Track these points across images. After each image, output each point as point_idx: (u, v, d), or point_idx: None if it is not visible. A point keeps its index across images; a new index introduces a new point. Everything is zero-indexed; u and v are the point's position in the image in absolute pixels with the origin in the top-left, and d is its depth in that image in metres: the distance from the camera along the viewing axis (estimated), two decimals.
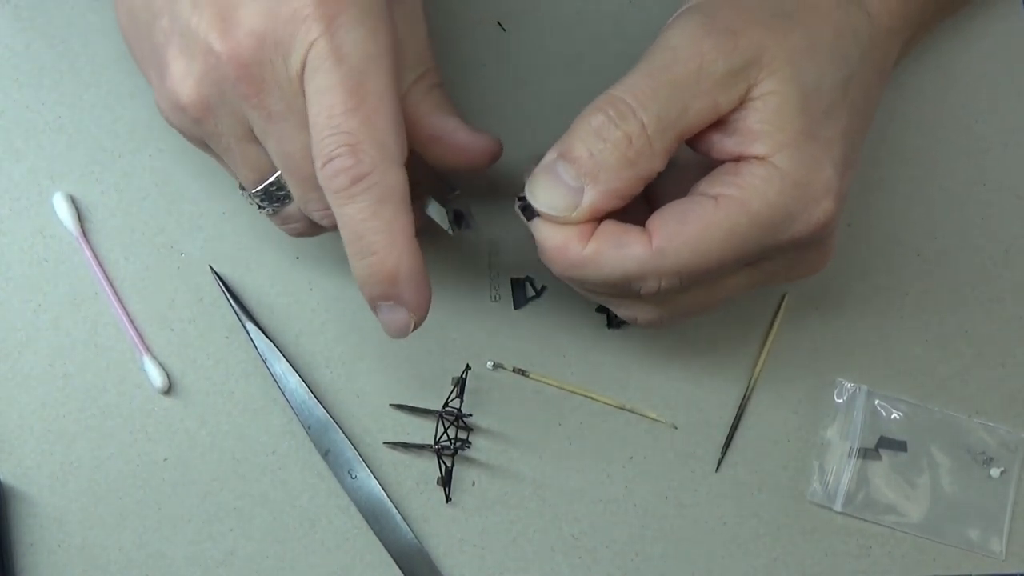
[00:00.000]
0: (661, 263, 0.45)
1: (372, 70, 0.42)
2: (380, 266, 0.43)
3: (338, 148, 0.42)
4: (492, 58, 0.60)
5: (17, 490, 0.55)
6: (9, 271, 0.56)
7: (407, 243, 0.43)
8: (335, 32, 0.41)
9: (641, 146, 0.45)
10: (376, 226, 0.43)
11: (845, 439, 0.58)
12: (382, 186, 0.42)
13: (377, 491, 0.56)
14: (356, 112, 0.42)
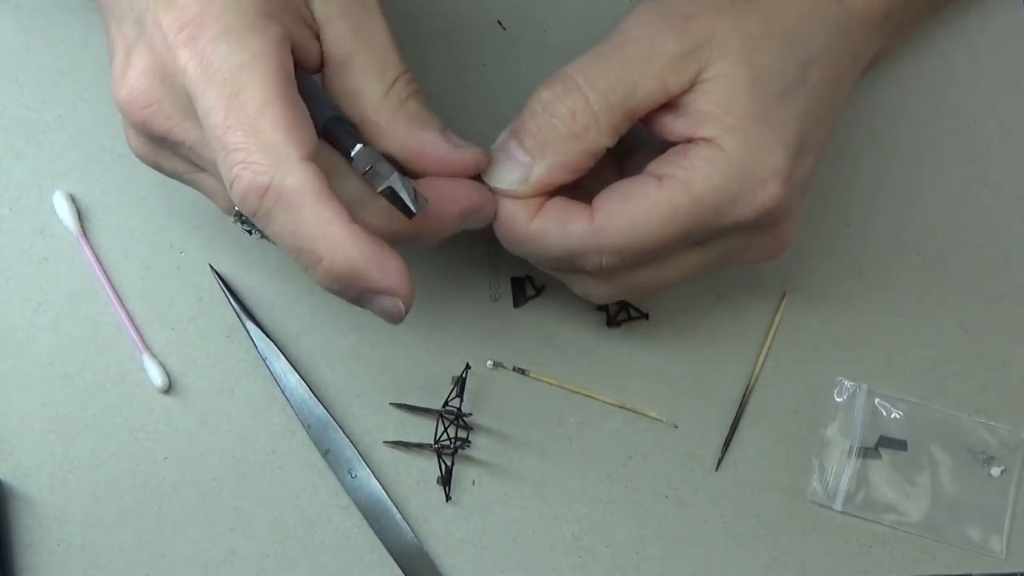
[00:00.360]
0: (601, 240, 0.46)
1: (246, 79, 0.40)
2: (332, 270, 0.41)
3: (232, 169, 0.40)
4: (492, 58, 0.60)
5: (17, 490, 0.55)
6: (9, 271, 0.56)
7: (346, 235, 0.40)
8: (201, 53, 0.40)
9: (586, 121, 0.46)
10: (305, 234, 0.40)
11: (845, 438, 0.58)
12: (289, 192, 0.39)
13: (377, 490, 0.56)
14: (237, 126, 0.40)
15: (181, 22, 0.41)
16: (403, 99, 0.46)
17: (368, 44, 0.45)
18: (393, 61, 0.46)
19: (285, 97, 0.40)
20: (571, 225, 0.47)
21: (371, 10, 0.45)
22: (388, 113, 0.45)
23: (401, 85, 0.46)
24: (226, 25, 0.40)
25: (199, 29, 0.40)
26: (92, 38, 0.58)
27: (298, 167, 0.40)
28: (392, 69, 0.46)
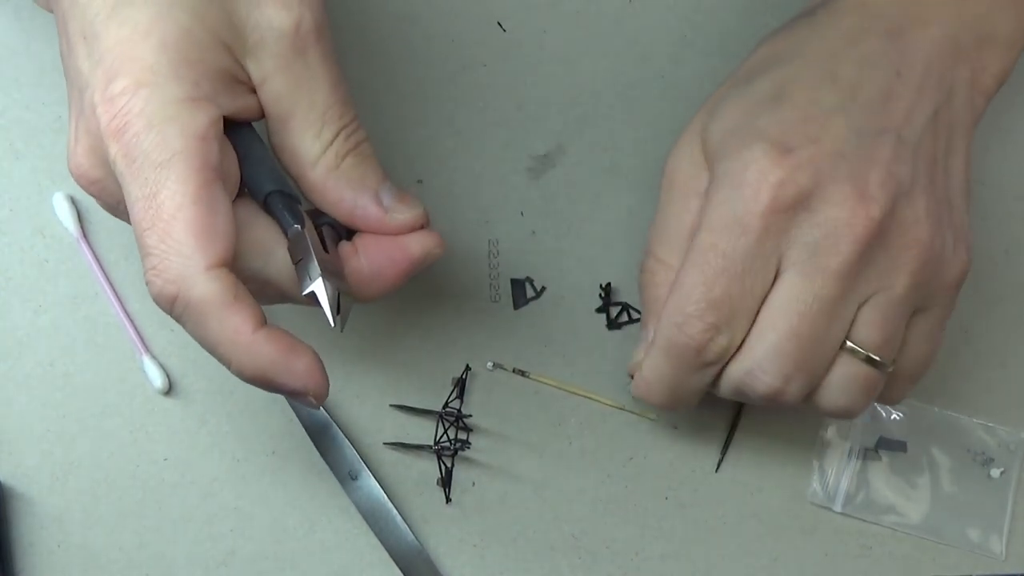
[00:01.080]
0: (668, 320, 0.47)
1: (163, 179, 0.40)
2: (241, 373, 0.41)
3: (147, 273, 0.40)
4: (492, 58, 0.60)
5: (17, 490, 0.55)
6: (9, 271, 0.56)
7: (251, 343, 0.41)
8: (127, 147, 0.40)
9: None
10: (213, 339, 0.41)
11: (845, 439, 0.58)
12: (195, 302, 0.40)
13: (377, 492, 0.56)
14: (152, 229, 0.40)
15: (111, 112, 0.40)
16: (340, 157, 0.45)
17: (306, 102, 0.44)
18: (333, 116, 0.45)
19: (202, 199, 0.40)
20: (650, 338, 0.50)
21: (311, 64, 0.44)
22: (322, 174, 0.45)
23: (340, 142, 0.45)
24: (149, 119, 0.40)
25: (125, 121, 0.40)
26: None
27: (204, 278, 0.40)
28: (331, 125, 0.45)
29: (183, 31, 0.41)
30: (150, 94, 0.40)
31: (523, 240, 0.58)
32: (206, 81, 0.41)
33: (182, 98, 0.41)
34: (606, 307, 0.58)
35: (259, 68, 0.43)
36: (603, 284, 0.58)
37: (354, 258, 0.46)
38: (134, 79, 0.40)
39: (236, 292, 0.41)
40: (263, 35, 0.42)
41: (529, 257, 0.58)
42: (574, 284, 0.58)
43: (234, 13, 0.42)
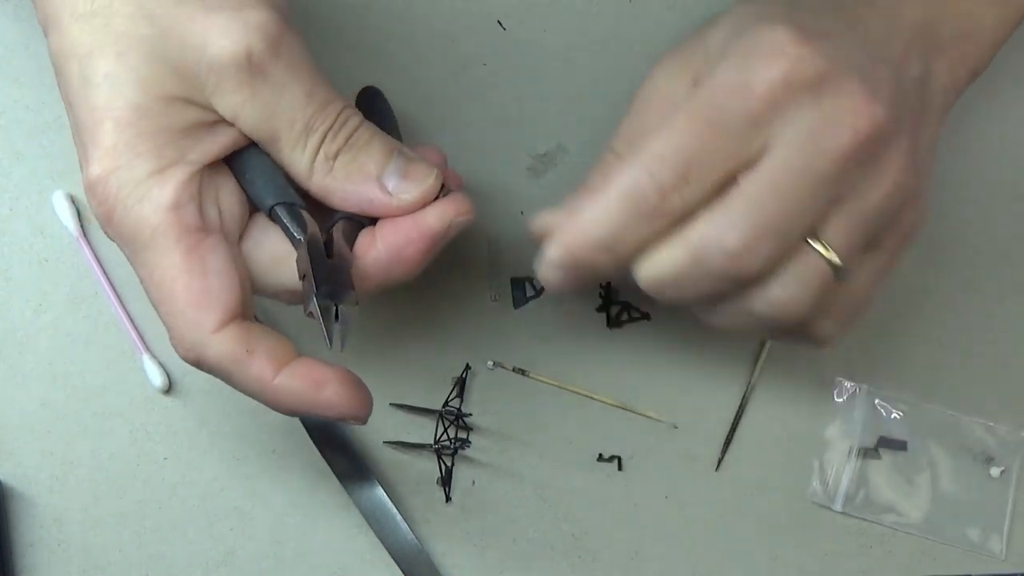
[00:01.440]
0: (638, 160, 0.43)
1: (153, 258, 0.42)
2: (278, 409, 0.44)
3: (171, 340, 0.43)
4: (492, 58, 0.60)
5: (17, 490, 0.55)
6: (9, 271, 0.56)
7: (279, 386, 0.43)
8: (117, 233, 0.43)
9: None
10: (242, 388, 0.44)
11: (845, 439, 0.58)
12: (214, 363, 0.42)
13: (377, 491, 0.56)
14: (159, 301, 0.42)
15: (95, 200, 0.42)
16: (331, 158, 0.45)
17: (284, 120, 0.44)
18: (314, 124, 0.44)
19: (190, 267, 0.42)
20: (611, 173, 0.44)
21: (277, 82, 0.43)
22: (319, 181, 0.45)
23: (327, 145, 0.45)
24: (124, 203, 0.42)
25: (108, 208, 0.42)
26: None
27: (214, 341, 0.42)
28: (314, 135, 0.44)
29: (132, 107, 0.42)
30: (118, 178, 0.42)
31: (523, 240, 0.58)
32: (168, 147, 0.42)
33: (148, 174, 0.42)
34: (606, 307, 0.58)
35: (227, 105, 0.43)
36: (603, 284, 0.58)
37: (373, 247, 0.46)
38: (102, 166, 0.42)
39: (249, 345, 0.42)
40: (218, 73, 0.42)
41: (529, 257, 0.58)
42: None
43: (182, 64, 0.42)
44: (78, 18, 0.42)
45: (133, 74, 0.42)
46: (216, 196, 0.44)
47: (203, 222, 0.43)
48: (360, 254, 0.45)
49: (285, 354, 0.43)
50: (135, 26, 0.42)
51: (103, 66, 0.42)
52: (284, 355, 0.43)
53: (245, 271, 0.45)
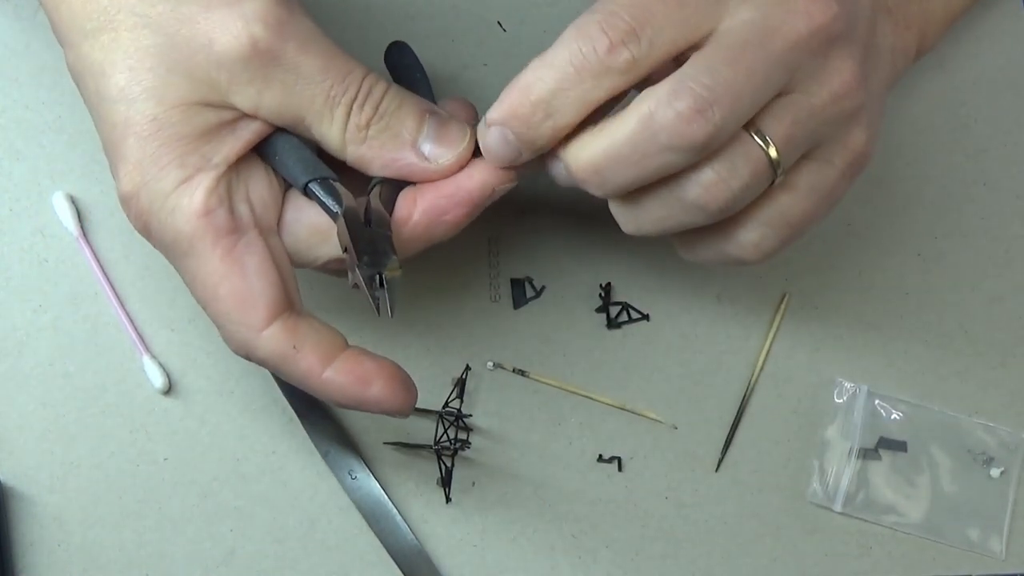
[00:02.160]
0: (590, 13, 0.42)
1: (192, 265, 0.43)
2: (329, 398, 0.45)
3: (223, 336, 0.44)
4: (492, 58, 0.60)
5: (17, 490, 0.55)
6: (9, 271, 0.56)
7: (329, 379, 0.44)
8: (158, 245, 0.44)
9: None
10: (293, 381, 0.44)
11: (845, 439, 0.58)
12: (264, 359, 0.44)
13: (377, 491, 0.56)
14: (207, 302, 0.43)
15: (132, 216, 0.44)
16: (363, 129, 0.45)
17: (305, 100, 0.44)
18: (337, 98, 0.44)
19: (230, 271, 0.43)
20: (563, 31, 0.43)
21: (289, 65, 0.43)
22: (354, 152, 0.45)
23: (355, 116, 0.44)
24: (157, 216, 0.43)
25: (144, 223, 0.44)
26: None
27: (260, 340, 0.43)
28: (340, 108, 0.44)
29: (150, 120, 0.42)
30: (148, 193, 0.43)
31: (523, 240, 0.58)
32: (191, 155, 0.43)
33: (174, 185, 0.42)
34: (606, 307, 0.58)
35: (245, 99, 0.43)
36: (603, 284, 0.58)
37: (413, 210, 0.46)
38: (131, 182, 0.43)
39: (296, 340, 0.44)
40: (228, 70, 0.42)
41: (529, 257, 0.58)
42: (574, 284, 0.59)
43: (193, 68, 0.42)
44: (87, 35, 0.42)
45: (147, 87, 0.42)
46: (246, 191, 0.45)
47: (235, 222, 0.43)
48: (400, 218, 0.46)
49: (333, 347, 0.44)
50: (141, 38, 0.42)
51: (117, 82, 0.42)
52: (332, 349, 0.44)
53: (286, 263, 0.45)
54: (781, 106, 0.43)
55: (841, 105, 0.44)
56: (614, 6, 0.41)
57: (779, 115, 0.43)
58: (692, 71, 0.41)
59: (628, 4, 0.41)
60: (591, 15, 0.42)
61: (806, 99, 0.43)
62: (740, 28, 0.42)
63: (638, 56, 0.41)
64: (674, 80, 0.41)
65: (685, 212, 0.44)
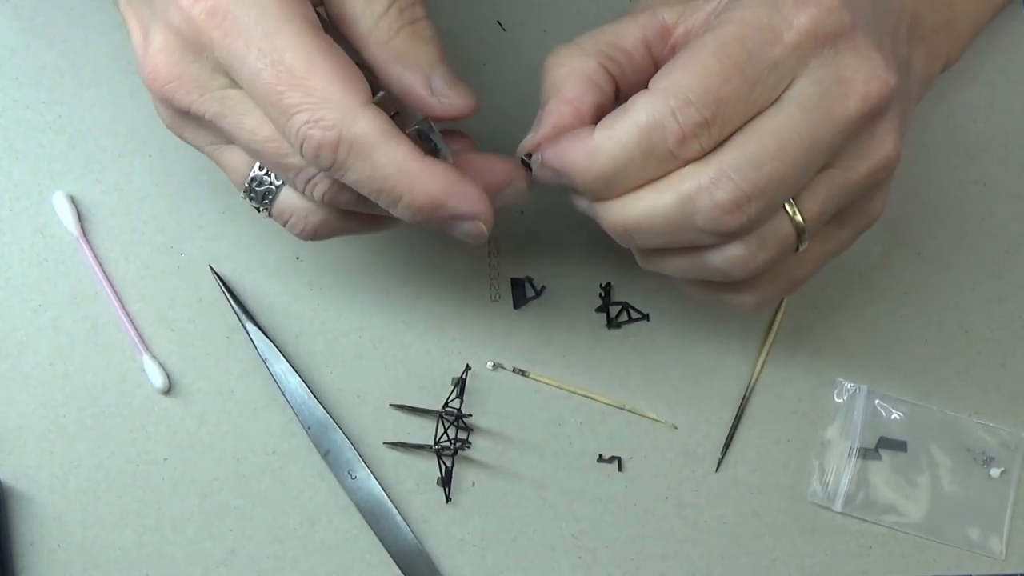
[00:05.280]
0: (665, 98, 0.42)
1: (282, 44, 0.40)
2: (414, 204, 0.42)
3: (299, 131, 0.41)
4: (492, 58, 0.60)
5: (17, 490, 0.55)
6: (9, 271, 0.56)
7: (421, 169, 0.42)
8: (225, 28, 0.40)
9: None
10: (383, 175, 0.41)
11: (845, 439, 0.58)
12: (359, 140, 0.41)
13: (377, 491, 0.56)
14: (291, 89, 0.40)
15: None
16: (393, 31, 0.44)
17: None
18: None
19: (326, 50, 0.41)
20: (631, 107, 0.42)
21: None
22: (374, 47, 0.44)
23: (394, 14, 0.44)
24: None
25: (213, 4, 0.40)
26: (92, 38, 0.58)
27: (362, 114, 0.40)
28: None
29: None
30: None
31: (523, 240, 0.58)
32: None
33: None
34: (606, 307, 0.58)
35: None
36: (603, 284, 0.58)
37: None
38: None
39: (393, 125, 0.41)
40: None
41: (529, 257, 0.58)
42: (574, 284, 0.59)
43: None
44: None
45: None
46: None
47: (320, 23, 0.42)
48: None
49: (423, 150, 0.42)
50: None
51: None
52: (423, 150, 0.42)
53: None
54: (819, 181, 0.44)
55: (876, 178, 0.45)
56: (689, 94, 0.41)
57: (816, 191, 0.44)
58: (737, 161, 0.41)
59: (701, 93, 0.41)
60: (664, 99, 0.42)
61: (844, 175, 0.44)
62: (795, 110, 0.42)
63: (706, 146, 0.42)
64: (716, 168, 0.42)
65: (706, 272, 0.45)
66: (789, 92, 0.42)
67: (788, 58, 0.42)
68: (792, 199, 0.43)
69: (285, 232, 0.50)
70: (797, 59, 0.42)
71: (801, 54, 0.42)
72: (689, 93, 0.41)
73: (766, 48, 0.41)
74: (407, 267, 0.58)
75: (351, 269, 0.58)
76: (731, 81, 0.41)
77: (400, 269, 0.58)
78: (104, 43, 0.58)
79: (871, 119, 0.43)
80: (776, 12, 0.42)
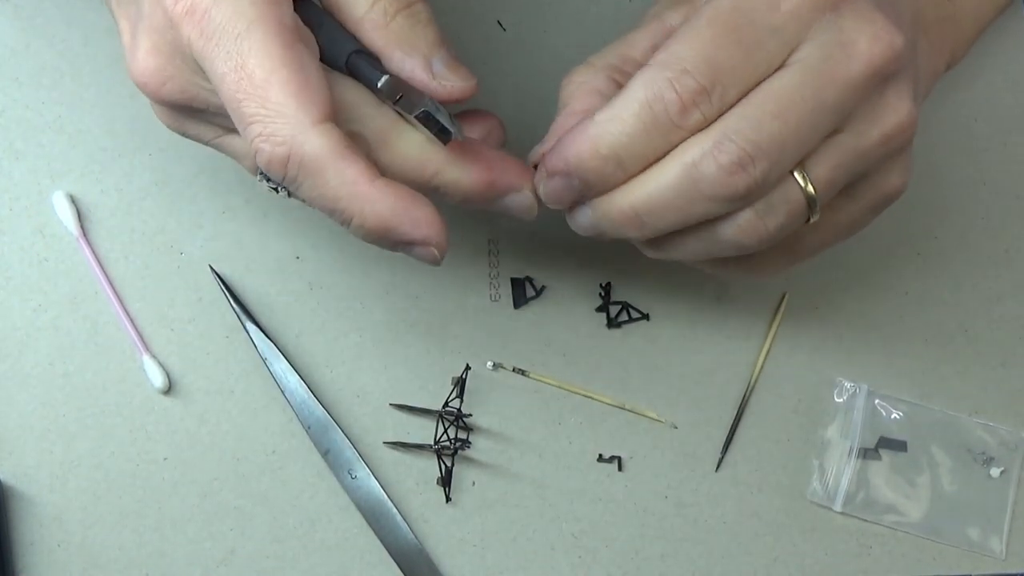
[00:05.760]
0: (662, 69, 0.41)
1: (247, 48, 0.40)
2: (363, 226, 0.41)
3: (252, 141, 0.40)
4: (492, 58, 0.60)
5: (17, 490, 0.55)
6: (9, 271, 0.56)
7: (371, 192, 0.41)
8: (200, 26, 0.40)
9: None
10: (332, 195, 0.41)
11: (845, 439, 0.58)
12: (309, 159, 0.40)
13: (377, 491, 0.56)
14: (248, 98, 0.40)
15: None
16: (390, 15, 0.43)
17: None
18: None
19: (290, 60, 0.40)
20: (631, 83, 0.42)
21: None
22: (372, 31, 0.43)
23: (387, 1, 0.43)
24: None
25: (192, 2, 0.40)
26: (92, 38, 0.58)
27: (313, 133, 0.40)
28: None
29: None
30: None
31: (523, 240, 0.58)
32: None
33: None
34: (606, 307, 0.58)
35: None
36: (603, 284, 0.58)
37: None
38: None
39: (347, 144, 0.40)
40: None
41: (529, 257, 0.58)
42: (574, 284, 0.59)
43: None
44: None
45: None
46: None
47: (296, 25, 0.41)
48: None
49: (376, 169, 0.41)
50: None
51: None
52: (376, 169, 0.41)
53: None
54: (828, 147, 0.43)
55: (890, 145, 0.44)
56: (684, 63, 0.41)
57: (825, 157, 0.43)
58: (738, 124, 0.41)
59: (698, 61, 0.41)
60: (661, 71, 0.41)
61: (855, 140, 0.43)
62: (797, 72, 0.41)
63: (708, 115, 0.41)
64: (718, 132, 0.41)
65: (718, 247, 0.45)
66: (792, 57, 0.42)
67: (788, 23, 0.41)
68: (801, 166, 0.43)
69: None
70: (798, 24, 0.41)
71: (801, 19, 0.41)
72: (685, 62, 0.41)
73: (764, 14, 0.41)
74: (407, 267, 0.58)
75: (351, 269, 0.58)
76: (727, 47, 0.41)
77: (400, 269, 0.58)
78: (104, 43, 0.58)
79: (880, 82, 0.42)
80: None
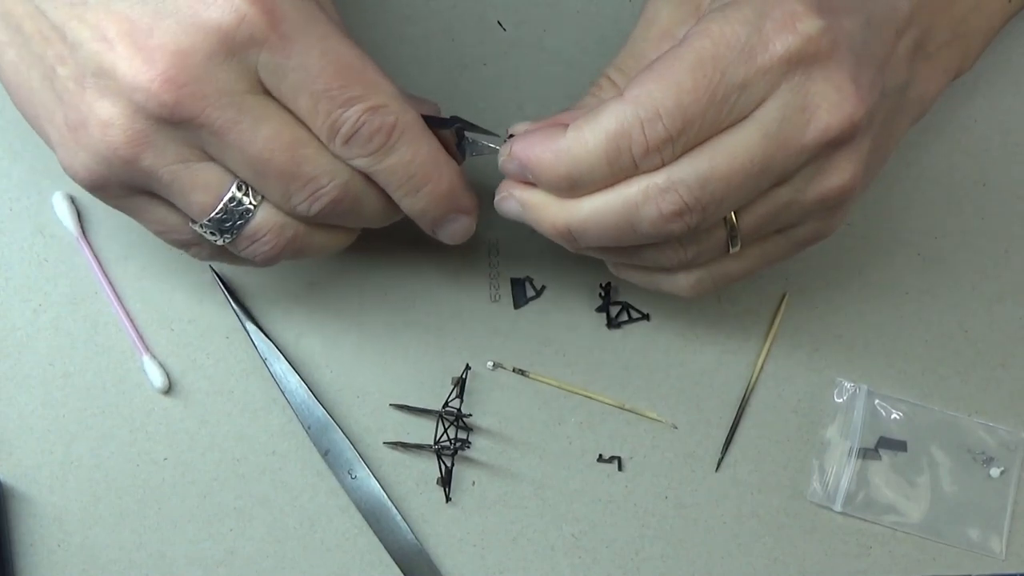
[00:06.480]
0: (636, 108, 0.42)
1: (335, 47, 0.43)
2: (436, 191, 0.46)
3: (362, 116, 0.43)
4: (492, 58, 0.60)
5: (17, 490, 0.55)
6: (9, 271, 0.56)
7: (446, 160, 0.46)
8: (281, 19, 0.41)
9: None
10: (421, 160, 0.45)
11: (845, 439, 0.58)
12: (409, 126, 0.44)
13: (377, 491, 0.56)
14: (352, 83, 0.42)
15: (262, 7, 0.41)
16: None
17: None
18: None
19: (363, 52, 0.44)
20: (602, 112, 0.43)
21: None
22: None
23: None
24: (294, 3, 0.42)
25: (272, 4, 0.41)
26: None
27: (409, 105, 0.44)
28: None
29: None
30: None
31: (523, 240, 0.58)
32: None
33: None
34: (606, 307, 0.58)
35: None
36: (603, 284, 0.58)
37: None
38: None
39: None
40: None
41: (529, 257, 0.58)
42: (574, 284, 0.59)
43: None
44: None
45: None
46: None
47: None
48: None
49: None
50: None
51: None
52: None
53: None
54: (765, 198, 0.45)
55: (827, 204, 0.46)
56: (659, 108, 0.42)
57: (759, 207, 0.45)
58: (686, 175, 0.43)
59: (671, 108, 0.42)
60: (635, 110, 0.42)
61: (792, 195, 0.45)
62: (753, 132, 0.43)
63: (667, 160, 0.43)
64: (665, 179, 0.43)
65: (638, 259, 0.48)
66: (755, 113, 0.43)
67: (758, 79, 0.42)
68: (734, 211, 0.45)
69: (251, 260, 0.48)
70: (768, 82, 0.42)
71: (772, 77, 0.42)
72: (660, 108, 0.42)
73: (738, 66, 0.42)
74: (407, 267, 0.58)
75: (351, 269, 0.58)
76: (700, 100, 0.42)
77: (400, 269, 0.58)
78: None
79: (830, 148, 0.44)
80: (756, 32, 0.42)
